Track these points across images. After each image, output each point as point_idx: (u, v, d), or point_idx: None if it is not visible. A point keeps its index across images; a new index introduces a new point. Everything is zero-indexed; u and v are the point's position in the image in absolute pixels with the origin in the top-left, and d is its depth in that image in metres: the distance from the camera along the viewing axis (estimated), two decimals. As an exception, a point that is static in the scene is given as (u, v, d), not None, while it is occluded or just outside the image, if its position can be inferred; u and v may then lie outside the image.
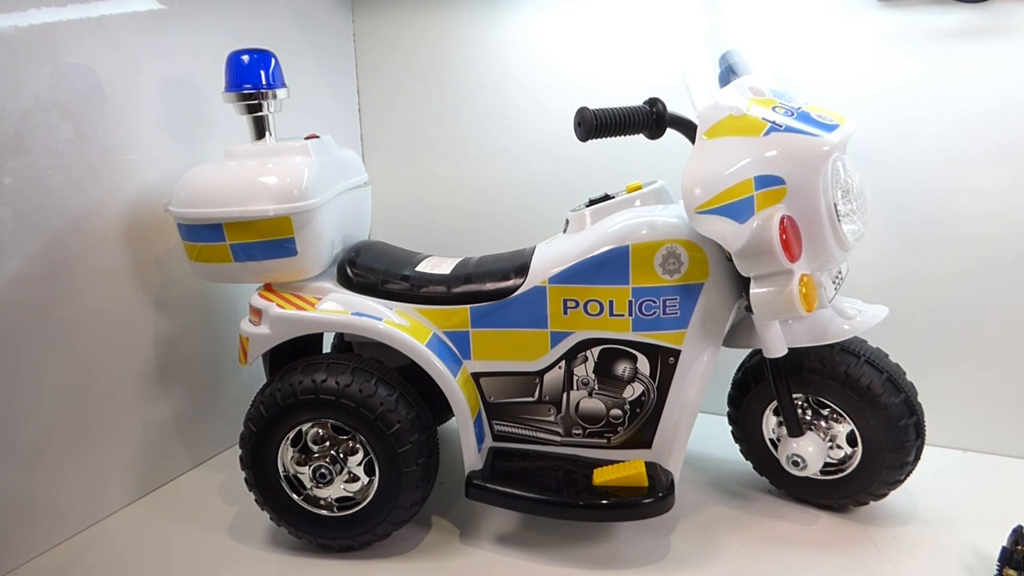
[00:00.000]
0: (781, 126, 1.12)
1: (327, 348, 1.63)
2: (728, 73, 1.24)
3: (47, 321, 1.32)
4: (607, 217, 1.27)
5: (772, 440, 1.40)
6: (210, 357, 1.67)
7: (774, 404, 1.36)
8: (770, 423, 1.39)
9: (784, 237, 1.10)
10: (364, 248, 1.40)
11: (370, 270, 1.34)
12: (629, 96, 1.73)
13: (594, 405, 1.30)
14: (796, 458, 1.25)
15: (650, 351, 1.26)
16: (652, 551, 1.29)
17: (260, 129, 1.36)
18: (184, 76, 1.54)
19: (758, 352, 1.39)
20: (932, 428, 1.59)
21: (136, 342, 1.49)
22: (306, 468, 1.27)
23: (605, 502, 1.20)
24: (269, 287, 1.36)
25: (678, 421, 1.26)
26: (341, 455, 1.26)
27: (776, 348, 1.21)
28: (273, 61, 1.34)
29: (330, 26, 1.92)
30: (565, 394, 1.31)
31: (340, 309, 1.28)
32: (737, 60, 1.26)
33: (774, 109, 1.15)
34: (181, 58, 1.53)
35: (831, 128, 1.13)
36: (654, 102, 1.20)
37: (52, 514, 1.36)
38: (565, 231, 1.33)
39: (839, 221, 1.13)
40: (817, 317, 1.24)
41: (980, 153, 1.49)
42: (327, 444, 1.26)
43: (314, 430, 1.26)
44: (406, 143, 2.00)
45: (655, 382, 1.27)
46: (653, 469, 1.26)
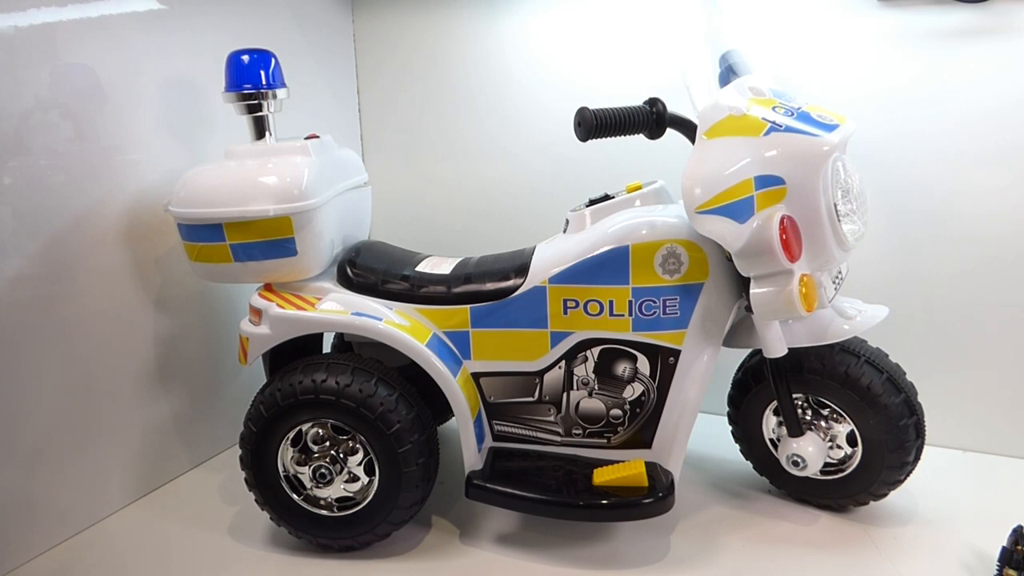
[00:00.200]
0: (781, 126, 1.12)
1: (327, 348, 1.63)
2: (728, 73, 1.24)
3: (47, 321, 1.32)
4: (607, 217, 1.26)
5: (772, 440, 1.40)
6: (210, 357, 1.67)
7: (774, 404, 1.36)
8: (770, 423, 1.39)
9: (784, 237, 1.10)
10: (364, 248, 1.40)
11: (370, 270, 1.34)
12: (629, 96, 1.73)
13: (594, 405, 1.30)
14: (796, 458, 1.26)
15: (650, 351, 1.26)
16: (652, 551, 1.29)
17: (260, 129, 1.36)
18: (184, 76, 1.54)
19: (758, 352, 1.39)
20: (932, 428, 1.59)
21: (136, 342, 1.49)
22: (306, 468, 1.27)
23: (605, 502, 1.20)
24: (269, 287, 1.36)
25: (678, 421, 1.26)
26: (341, 455, 1.26)
27: (776, 348, 1.21)
28: (273, 61, 1.34)
29: (330, 26, 1.92)
30: (565, 394, 1.31)
31: (340, 309, 1.28)
32: (737, 60, 1.26)
33: (774, 109, 1.15)
34: (181, 58, 1.53)
35: (831, 128, 1.13)
36: (654, 102, 1.20)
37: (52, 514, 1.36)
38: (565, 231, 1.33)
39: (839, 221, 1.13)
40: (817, 317, 1.24)
41: (980, 153, 1.49)
42: (327, 444, 1.26)
43: (314, 430, 1.26)
44: (406, 143, 2.00)
45: (655, 382, 1.27)
46: (653, 469, 1.26)
